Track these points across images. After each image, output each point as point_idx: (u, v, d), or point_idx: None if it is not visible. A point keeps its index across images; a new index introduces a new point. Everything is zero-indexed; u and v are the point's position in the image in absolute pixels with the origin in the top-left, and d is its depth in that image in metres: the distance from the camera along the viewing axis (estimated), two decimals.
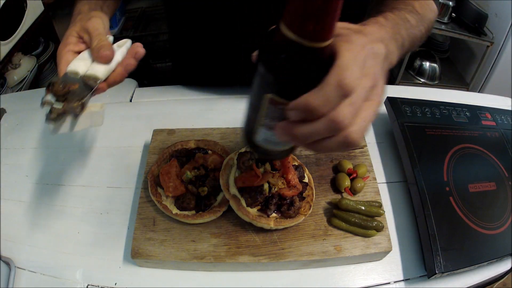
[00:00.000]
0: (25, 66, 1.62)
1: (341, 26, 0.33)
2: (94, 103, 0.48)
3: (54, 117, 0.42)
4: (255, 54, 0.32)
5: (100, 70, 0.47)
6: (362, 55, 0.31)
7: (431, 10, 0.56)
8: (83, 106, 0.44)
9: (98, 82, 0.47)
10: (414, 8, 0.52)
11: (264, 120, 0.34)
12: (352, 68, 0.29)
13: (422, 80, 1.93)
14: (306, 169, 0.62)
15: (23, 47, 1.60)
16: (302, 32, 0.26)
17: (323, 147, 0.32)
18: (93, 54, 0.48)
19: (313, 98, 0.29)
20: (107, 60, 0.48)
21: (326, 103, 0.29)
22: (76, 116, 0.44)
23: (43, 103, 0.43)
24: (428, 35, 0.57)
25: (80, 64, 0.47)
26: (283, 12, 0.27)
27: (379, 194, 0.62)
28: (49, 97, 0.43)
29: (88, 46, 0.50)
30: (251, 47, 0.33)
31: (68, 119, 0.44)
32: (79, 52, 0.50)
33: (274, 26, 0.30)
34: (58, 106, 0.43)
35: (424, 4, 0.54)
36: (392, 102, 0.73)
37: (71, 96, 0.44)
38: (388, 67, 0.39)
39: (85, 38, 0.50)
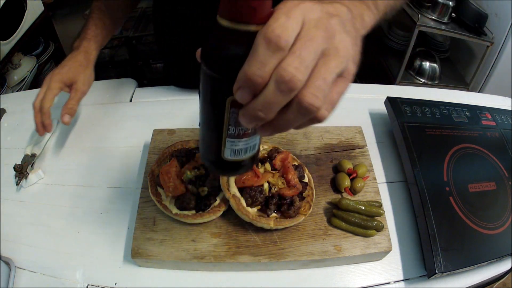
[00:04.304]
0: (25, 66, 1.62)
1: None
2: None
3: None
4: (198, 53, 0.30)
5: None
6: (299, 8, 0.27)
7: None
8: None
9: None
10: None
11: (229, 130, 0.32)
12: (279, 18, 0.26)
13: (422, 80, 1.92)
14: (306, 169, 0.62)
15: (23, 47, 1.59)
16: (241, 17, 0.26)
17: (284, 121, 0.29)
18: (62, 110, 0.68)
19: (247, 66, 0.26)
20: (66, 124, 0.69)
21: (261, 65, 0.26)
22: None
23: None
24: None
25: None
26: (219, 8, 0.27)
27: (379, 194, 0.62)
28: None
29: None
30: None
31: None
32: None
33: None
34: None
35: None
36: (392, 102, 0.73)
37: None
38: (361, 27, 0.36)
39: (66, 90, 0.70)
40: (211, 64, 0.29)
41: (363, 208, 0.58)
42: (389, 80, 1.97)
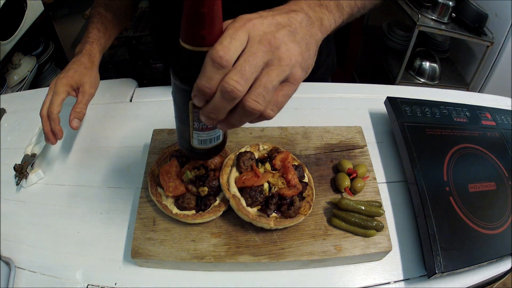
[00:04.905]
0: (25, 66, 1.62)
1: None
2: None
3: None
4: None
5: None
6: (245, 27, 0.33)
7: None
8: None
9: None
10: None
11: (194, 124, 0.41)
12: (223, 41, 0.32)
13: (422, 80, 1.92)
14: (306, 169, 0.62)
15: (23, 47, 1.59)
16: (194, 42, 0.33)
17: (235, 120, 0.35)
18: (70, 115, 0.65)
19: (199, 80, 0.33)
20: (74, 129, 0.65)
21: (208, 80, 0.32)
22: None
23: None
24: None
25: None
26: (180, 34, 0.34)
27: (379, 194, 0.62)
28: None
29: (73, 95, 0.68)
30: None
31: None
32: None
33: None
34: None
35: None
36: (392, 102, 0.73)
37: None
38: (319, 31, 0.40)
39: (72, 94, 0.67)
40: (176, 75, 0.36)
41: (363, 208, 0.58)
42: (389, 80, 1.97)
